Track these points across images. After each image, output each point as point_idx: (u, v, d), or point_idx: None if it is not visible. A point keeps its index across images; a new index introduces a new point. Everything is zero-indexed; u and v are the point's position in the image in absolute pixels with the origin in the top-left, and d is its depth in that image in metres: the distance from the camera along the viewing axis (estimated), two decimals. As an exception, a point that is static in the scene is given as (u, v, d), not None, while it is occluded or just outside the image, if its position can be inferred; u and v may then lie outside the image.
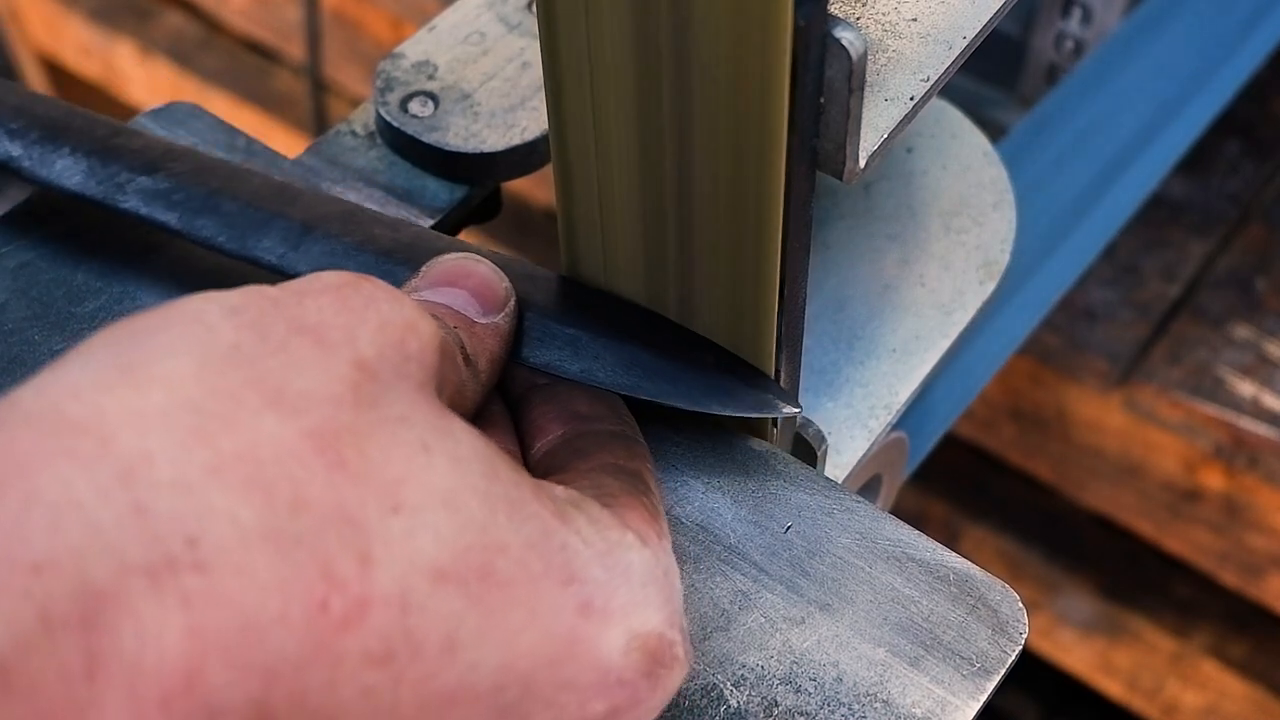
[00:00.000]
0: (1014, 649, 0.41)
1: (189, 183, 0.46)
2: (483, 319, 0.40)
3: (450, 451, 0.32)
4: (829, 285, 0.55)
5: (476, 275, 0.41)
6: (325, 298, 0.33)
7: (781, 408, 0.42)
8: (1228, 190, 0.95)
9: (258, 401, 0.30)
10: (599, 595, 0.33)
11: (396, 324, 0.34)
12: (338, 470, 0.30)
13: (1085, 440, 0.95)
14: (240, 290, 0.33)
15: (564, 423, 0.41)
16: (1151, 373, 0.90)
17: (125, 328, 0.31)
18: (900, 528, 0.43)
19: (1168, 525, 0.96)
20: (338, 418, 0.31)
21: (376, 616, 0.29)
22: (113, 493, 0.28)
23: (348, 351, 0.32)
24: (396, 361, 0.33)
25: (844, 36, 0.35)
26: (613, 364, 0.42)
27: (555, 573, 0.32)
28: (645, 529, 0.35)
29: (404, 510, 0.30)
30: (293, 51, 1.29)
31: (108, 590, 0.27)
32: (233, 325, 0.31)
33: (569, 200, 0.43)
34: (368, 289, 0.34)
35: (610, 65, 0.37)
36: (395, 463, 0.31)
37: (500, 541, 0.32)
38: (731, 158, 0.37)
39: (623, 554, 0.34)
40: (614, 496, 0.36)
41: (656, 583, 0.34)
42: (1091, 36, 0.91)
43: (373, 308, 0.34)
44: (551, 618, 0.32)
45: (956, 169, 0.59)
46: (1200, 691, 1.04)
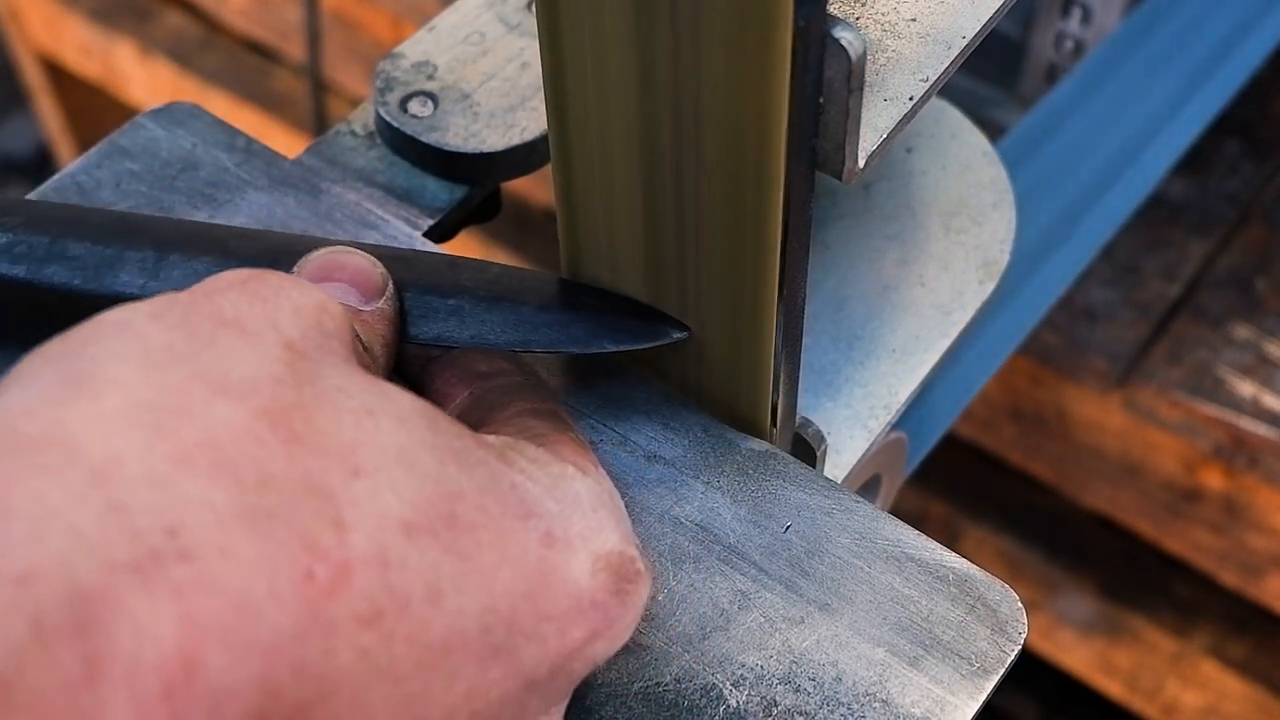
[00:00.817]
0: (1013, 649, 0.41)
1: (28, 233, 0.44)
2: (366, 306, 0.41)
3: (392, 412, 0.33)
4: (828, 285, 0.55)
5: (350, 265, 0.41)
6: (234, 293, 0.34)
7: (671, 333, 0.43)
8: (1228, 190, 0.95)
9: (206, 391, 0.31)
10: (557, 525, 0.34)
11: (309, 306, 0.35)
12: (294, 444, 0.31)
13: (1085, 440, 0.94)
14: (152, 300, 0.33)
15: (467, 384, 0.42)
16: (1151, 373, 0.90)
17: (58, 345, 0.32)
18: (900, 528, 0.43)
19: (1168, 525, 0.96)
20: (282, 395, 0.32)
21: (360, 578, 0.30)
22: (87, 496, 0.28)
23: (273, 336, 0.33)
24: (319, 340, 0.34)
25: (843, 36, 0.35)
26: (499, 324, 0.43)
27: (512, 510, 0.34)
28: (581, 459, 0.37)
29: (363, 472, 0.31)
30: (293, 51, 1.29)
31: (97, 591, 0.27)
32: (160, 328, 0.32)
33: (569, 200, 0.43)
34: (273, 280, 0.35)
35: (610, 65, 0.37)
36: (345, 430, 0.32)
37: (457, 489, 0.33)
38: (731, 158, 0.37)
39: (568, 485, 0.35)
40: (543, 436, 0.38)
41: (605, 506, 0.36)
42: (1091, 36, 0.91)
43: (283, 294, 0.34)
44: (520, 552, 0.33)
45: (956, 169, 0.59)
46: (1200, 691, 1.04)
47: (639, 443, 0.45)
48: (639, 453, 0.45)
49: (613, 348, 0.43)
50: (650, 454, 0.44)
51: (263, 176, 0.51)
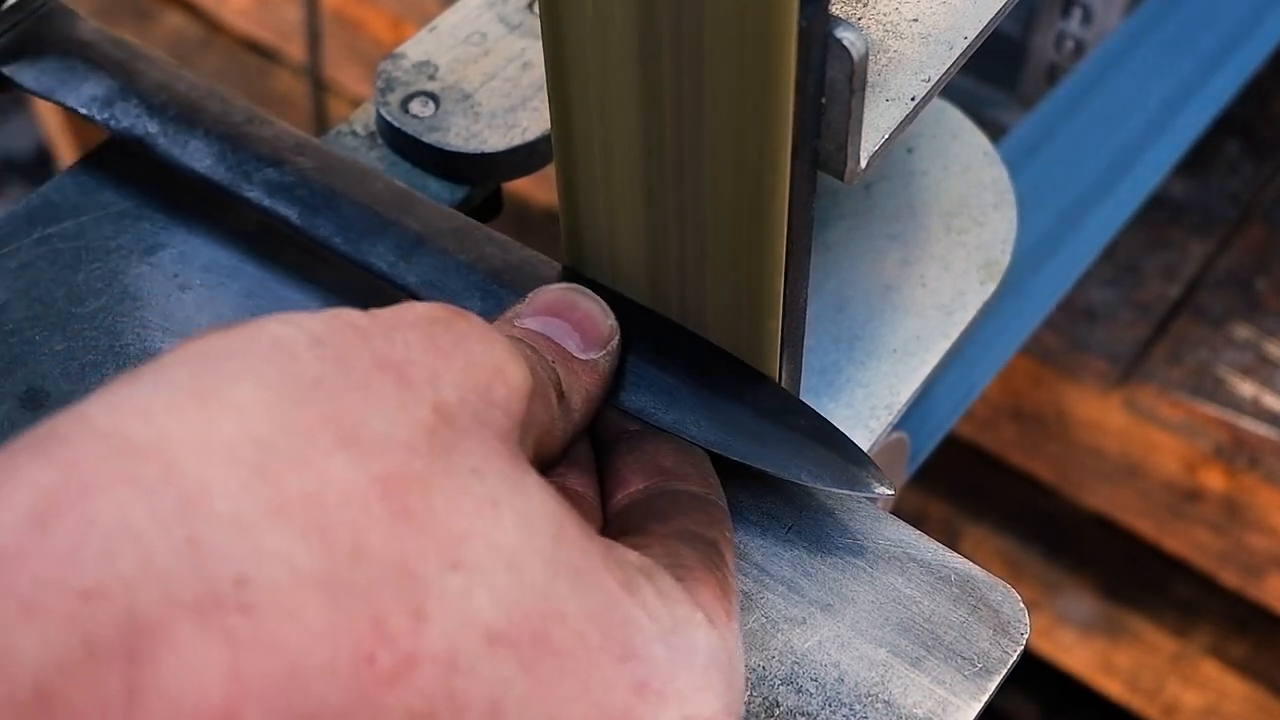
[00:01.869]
0: (1015, 649, 0.41)
1: (313, 179, 0.46)
2: (582, 355, 0.39)
3: (520, 509, 0.31)
4: (830, 286, 0.55)
5: (581, 309, 0.40)
6: (414, 333, 0.32)
7: (875, 487, 0.41)
8: (1228, 190, 0.95)
9: (329, 441, 0.29)
10: (657, 675, 0.32)
11: (485, 367, 0.33)
12: (402, 520, 0.29)
13: (1085, 440, 0.95)
14: (326, 316, 0.32)
15: (647, 476, 0.40)
16: (1151, 373, 0.90)
17: (204, 346, 0.30)
18: (901, 528, 0.43)
19: (1168, 525, 0.96)
20: (410, 465, 0.30)
21: (423, 674, 0.28)
22: (169, 524, 0.27)
23: (429, 394, 0.31)
24: (479, 408, 0.32)
25: (845, 37, 0.35)
26: (705, 419, 0.41)
27: (614, 647, 0.31)
28: (715, 607, 0.34)
29: (464, 568, 0.30)
30: (293, 51, 1.29)
31: (154, 623, 0.26)
32: (316, 356, 0.30)
33: (571, 201, 0.43)
34: (461, 326, 0.33)
35: (612, 66, 0.37)
36: (461, 517, 0.30)
37: (559, 609, 0.31)
38: (733, 158, 0.37)
39: (689, 633, 0.33)
40: (688, 569, 0.35)
41: (719, 667, 0.33)
42: (1091, 36, 0.91)
43: (461, 348, 0.33)
44: (604, 693, 0.31)
45: (957, 169, 0.59)
46: (1200, 691, 1.04)
47: (641, 443, 0.45)
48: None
49: (808, 482, 0.41)
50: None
51: (264, 177, 0.51)
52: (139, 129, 0.48)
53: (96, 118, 0.49)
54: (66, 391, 0.45)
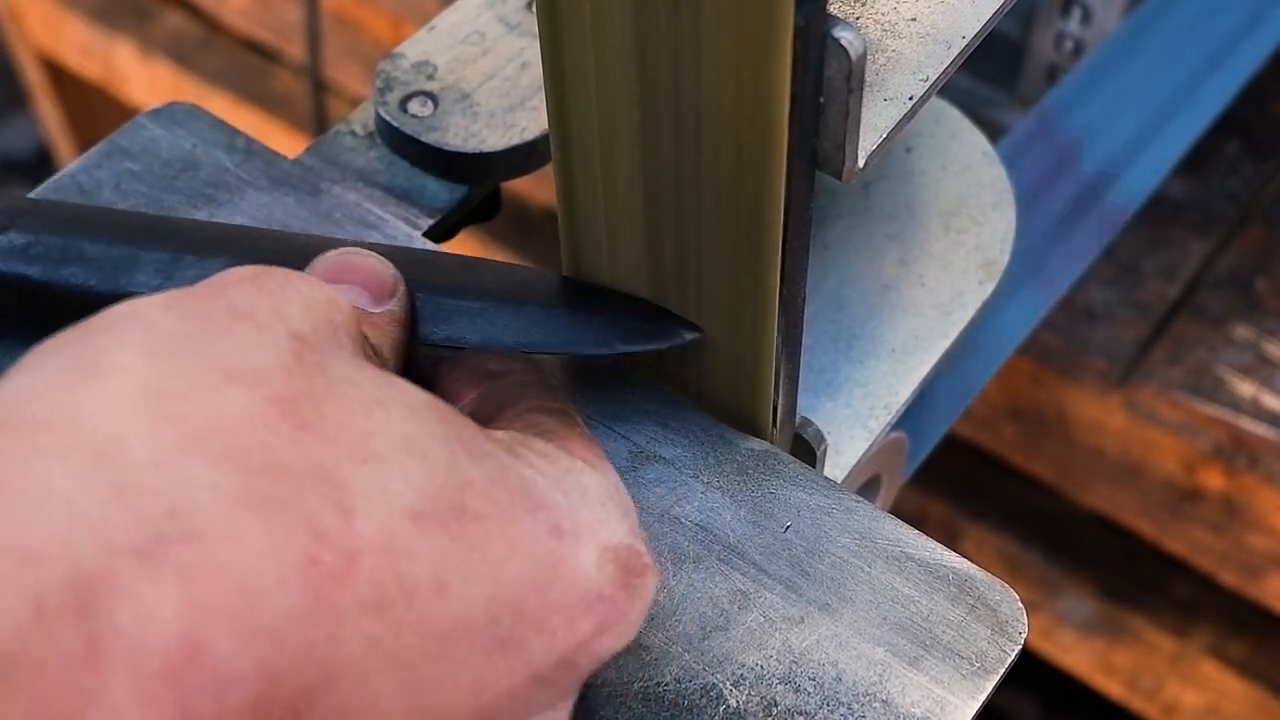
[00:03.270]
0: (1013, 649, 0.41)
1: (46, 234, 0.44)
2: (376, 308, 0.40)
3: (403, 402, 0.33)
4: (828, 285, 0.55)
5: (362, 267, 0.41)
6: (246, 285, 0.34)
7: (681, 334, 0.43)
8: (1228, 190, 0.95)
9: (217, 378, 0.31)
10: (565, 518, 0.34)
11: (319, 301, 0.35)
12: (304, 431, 0.31)
13: (1085, 440, 0.94)
14: (165, 292, 0.33)
15: (477, 383, 0.41)
16: (1151, 373, 0.90)
17: (67, 335, 0.31)
18: (900, 527, 0.43)
19: (1168, 525, 0.96)
20: (292, 384, 0.32)
21: (367, 565, 0.30)
22: (90, 479, 0.28)
23: (282, 328, 0.33)
24: (328, 333, 0.34)
25: (843, 36, 0.35)
26: (510, 326, 0.43)
27: (521, 502, 0.33)
28: (588, 454, 0.37)
29: (373, 460, 0.31)
30: (293, 51, 1.29)
31: (99, 574, 0.27)
32: (173, 318, 0.32)
33: (570, 200, 0.43)
34: (280, 274, 0.35)
35: (611, 64, 0.37)
36: (355, 419, 0.32)
37: (466, 479, 0.33)
38: (732, 157, 0.37)
39: (576, 478, 0.35)
40: (551, 432, 0.38)
41: (613, 499, 0.36)
42: (1091, 36, 0.91)
43: (291, 288, 0.34)
44: (529, 544, 0.33)
45: (956, 169, 0.59)
46: (1200, 691, 1.04)
47: (639, 443, 0.45)
48: (639, 453, 0.45)
49: (623, 349, 0.43)
50: (650, 454, 0.44)
51: (262, 177, 0.51)
52: None
53: None
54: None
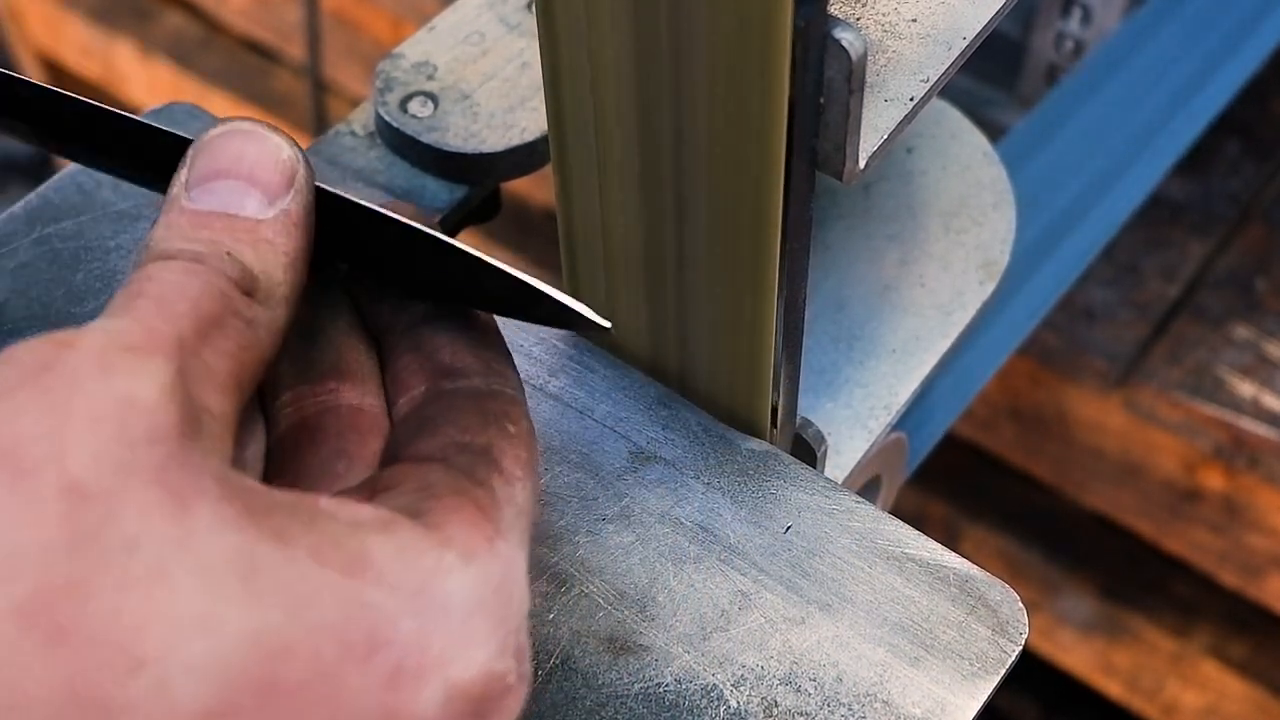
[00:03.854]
0: (1014, 649, 0.41)
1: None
2: (268, 211, 0.34)
3: (193, 564, 0.27)
4: (828, 285, 0.55)
5: (249, 158, 0.34)
6: (23, 395, 0.28)
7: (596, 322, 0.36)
8: (1228, 190, 0.95)
9: None
10: (410, 654, 0.29)
11: (110, 404, 0.28)
12: (57, 644, 0.26)
13: (1085, 440, 0.95)
14: None
15: (426, 377, 0.36)
16: (1151, 373, 0.90)
17: None
18: (900, 528, 0.43)
19: (1168, 525, 0.96)
20: (50, 575, 0.26)
21: None
22: None
23: (54, 474, 0.27)
24: (119, 458, 0.28)
25: (844, 37, 0.35)
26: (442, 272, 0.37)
27: (356, 648, 0.29)
28: (471, 536, 0.31)
29: (148, 663, 0.26)
30: (293, 51, 1.29)
31: None
32: None
33: (569, 201, 0.43)
34: (71, 363, 0.29)
35: (610, 65, 0.37)
36: (129, 607, 0.27)
37: (279, 645, 0.28)
38: (731, 158, 0.37)
39: (438, 585, 0.30)
40: (438, 498, 0.32)
41: (483, 608, 0.30)
42: (1091, 36, 0.91)
43: (79, 392, 0.28)
44: (356, 702, 0.29)
45: (956, 169, 0.59)
46: (1200, 691, 1.04)
47: (639, 443, 0.45)
48: (639, 453, 0.45)
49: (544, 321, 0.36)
50: (650, 455, 0.44)
51: (263, 177, 0.51)
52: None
53: None
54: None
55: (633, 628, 0.41)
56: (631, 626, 0.41)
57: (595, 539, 0.42)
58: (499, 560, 0.31)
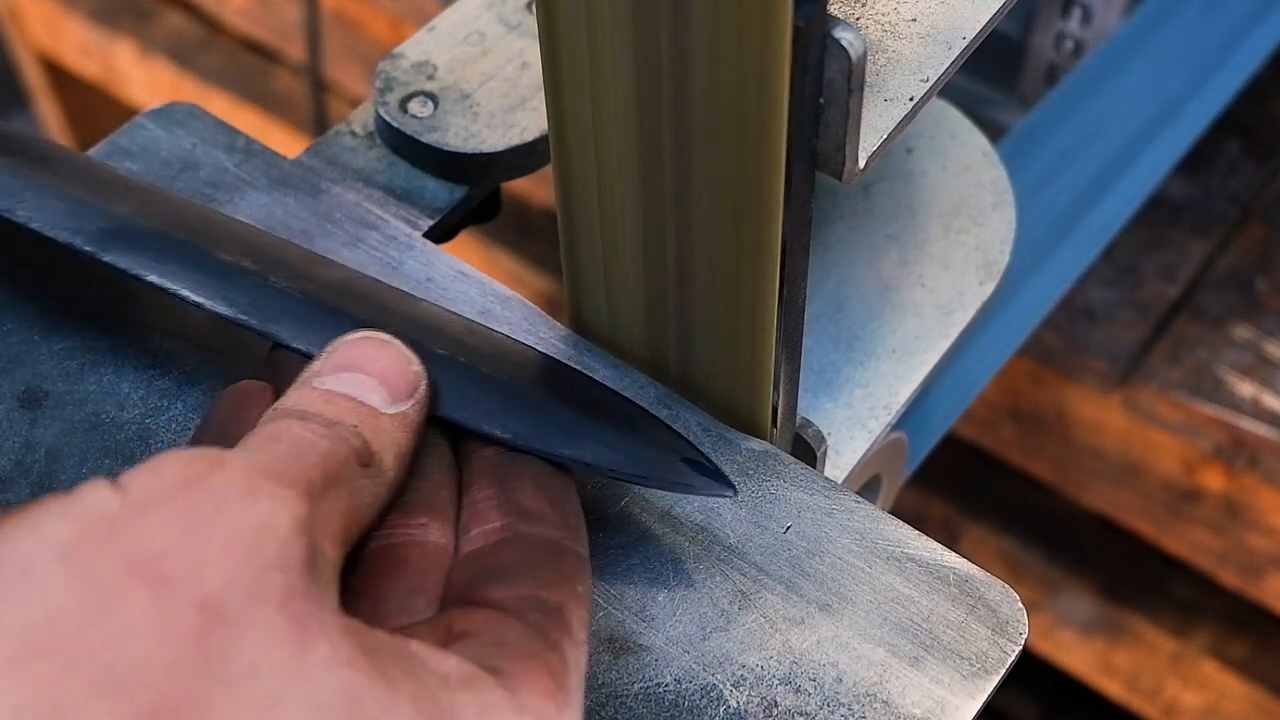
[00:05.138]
0: (1014, 649, 0.41)
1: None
2: (390, 409, 0.37)
3: (306, 698, 0.29)
4: (828, 286, 0.55)
5: (381, 360, 0.38)
6: (169, 511, 0.30)
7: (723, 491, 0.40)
8: (1228, 190, 0.95)
9: (85, 688, 0.27)
10: None
11: (248, 527, 0.31)
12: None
13: (1085, 440, 0.94)
14: (75, 513, 0.30)
15: (504, 514, 0.38)
16: (1151, 373, 0.90)
17: None
18: (900, 528, 0.43)
19: (1168, 525, 0.96)
20: (176, 689, 0.28)
21: None
22: None
23: (190, 591, 0.29)
24: (251, 582, 0.30)
25: (843, 37, 0.35)
26: (521, 420, 0.40)
27: None
28: (543, 703, 0.33)
29: None
30: (293, 51, 1.29)
31: None
32: (63, 580, 0.28)
33: (568, 200, 0.43)
34: (217, 487, 0.31)
35: (610, 65, 0.37)
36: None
37: None
38: (731, 158, 0.37)
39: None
40: (515, 660, 0.34)
41: None
42: (1091, 36, 0.91)
43: (222, 515, 0.31)
44: None
45: (956, 169, 0.59)
46: (1200, 691, 1.04)
47: (639, 443, 0.45)
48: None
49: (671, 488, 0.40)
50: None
51: (262, 177, 0.51)
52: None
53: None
54: (64, 391, 0.45)
55: (632, 628, 0.41)
56: (631, 627, 0.41)
57: (595, 539, 0.42)
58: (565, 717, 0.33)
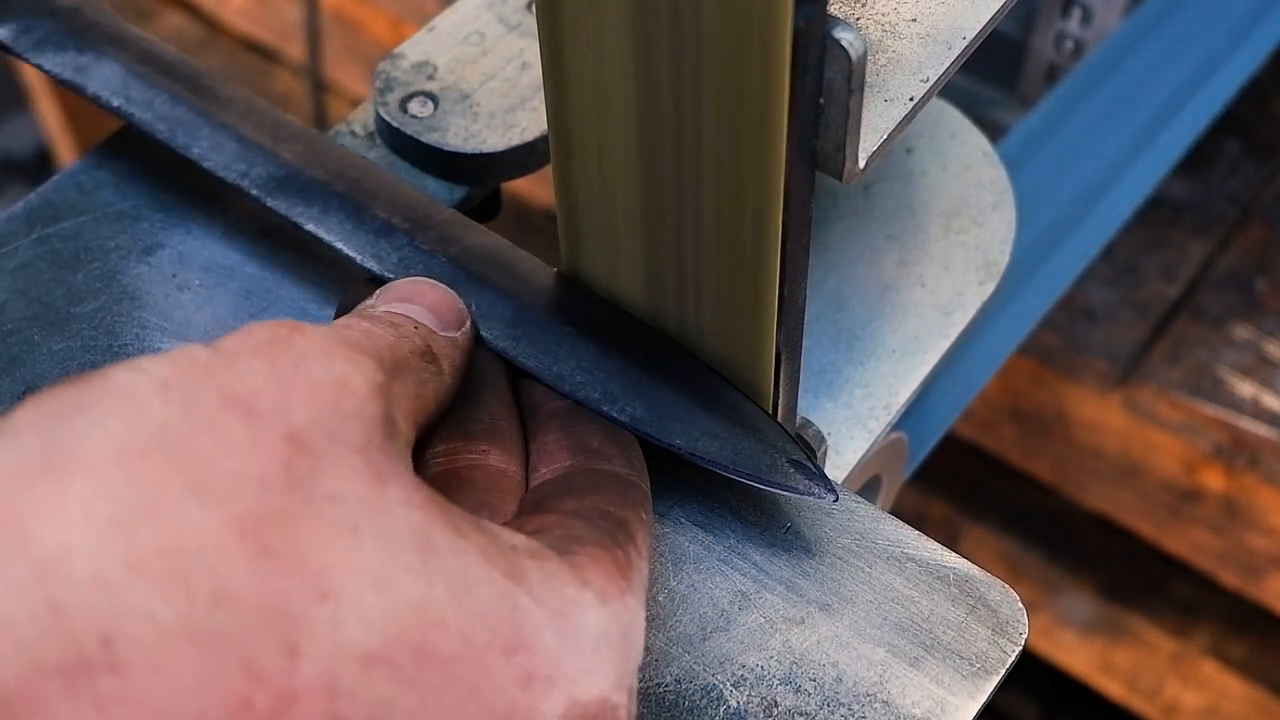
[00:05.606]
0: (1014, 649, 0.41)
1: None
2: (442, 332, 0.40)
3: (382, 529, 0.31)
4: (828, 286, 0.55)
5: (430, 295, 0.41)
6: (256, 360, 0.32)
7: (822, 494, 0.41)
8: (1228, 190, 0.95)
9: (181, 488, 0.29)
10: (545, 663, 0.32)
11: (328, 383, 0.33)
12: (263, 559, 0.29)
13: (1085, 440, 0.95)
14: (172, 356, 0.32)
15: (572, 454, 0.40)
16: (1151, 373, 0.90)
17: (53, 401, 0.30)
18: (900, 528, 0.43)
19: (1168, 525, 0.96)
20: (265, 502, 0.30)
21: (303, 709, 0.29)
22: (29, 590, 0.27)
23: (278, 423, 0.31)
24: (332, 425, 0.32)
25: (844, 37, 0.35)
26: (640, 406, 0.42)
27: (501, 640, 0.32)
28: (608, 584, 0.34)
29: (331, 597, 0.30)
30: (293, 51, 1.29)
31: (20, 693, 0.26)
32: (162, 402, 0.31)
33: (568, 201, 0.43)
34: (299, 345, 0.33)
35: (610, 65, 0.37)
36: (323, 547, 0.30)
37: (438, 618, 0.31)
38: (731, 158, 0.37)
39: (577, 614, 0.33)
40: (582, 546, 0.35)
41: (610, 644, 0.34)
42: (1091, 36, 0.91)
43: (301, 369, 0.33)
44: (491, 692, 0.31)
45: (956, 169, 0.59)
46: (1200, 691, 1.04)
47: (639, 443, 0.45)
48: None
49: (741, 478, 0.41)
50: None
51: (263, 177, 0.51)
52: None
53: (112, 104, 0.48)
54: (65, 391, 0.45)
55: (633, 628, 0.41)
56: (631, 626, 0.41)
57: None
58: (628, 610, 0.35)
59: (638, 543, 0.37)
